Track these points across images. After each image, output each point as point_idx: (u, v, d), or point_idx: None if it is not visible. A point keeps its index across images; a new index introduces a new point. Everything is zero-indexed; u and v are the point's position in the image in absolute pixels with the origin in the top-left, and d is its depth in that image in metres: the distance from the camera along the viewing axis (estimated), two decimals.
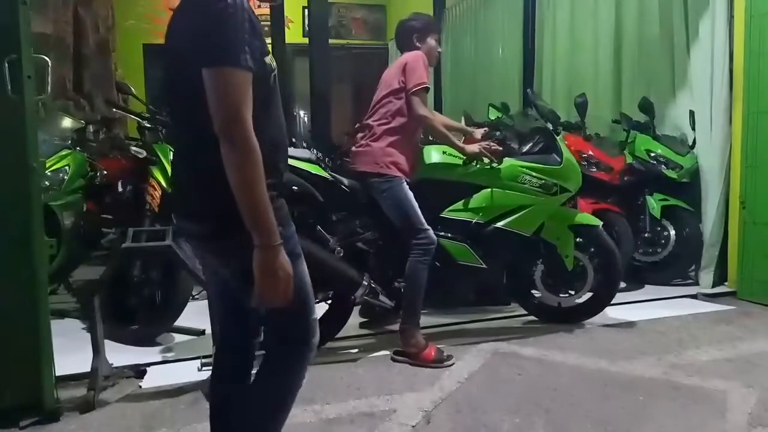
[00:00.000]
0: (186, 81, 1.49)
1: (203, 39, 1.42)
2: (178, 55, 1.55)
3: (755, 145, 3.89)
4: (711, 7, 4.11)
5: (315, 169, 3.16)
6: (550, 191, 3.32)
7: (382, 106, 3.17)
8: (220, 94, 1.40)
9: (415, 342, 3.07)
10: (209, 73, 1.41)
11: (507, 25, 6.57)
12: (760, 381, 2.81)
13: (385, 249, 3.26)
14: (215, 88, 1.41)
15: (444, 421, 2.48)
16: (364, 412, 2.55)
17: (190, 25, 1.49)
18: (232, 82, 1.41)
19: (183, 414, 2.54)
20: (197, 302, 3.96)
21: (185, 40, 1.51)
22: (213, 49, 1.41)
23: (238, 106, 1.40)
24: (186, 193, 1.62)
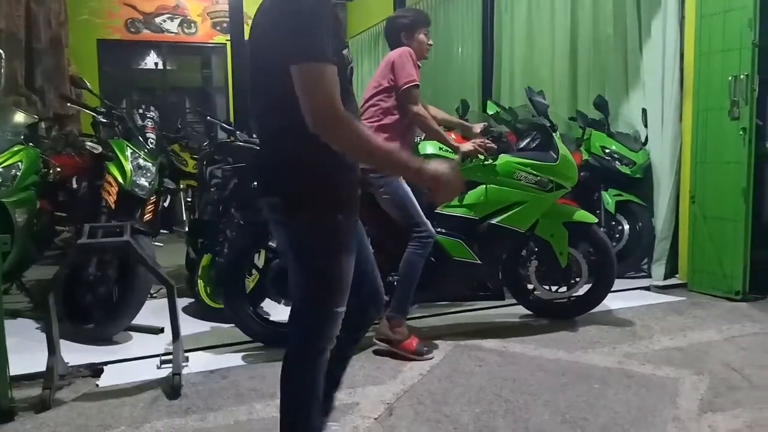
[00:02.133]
0: (268, 74, 1.58)
1: (289, 36, 1.48)
2: (260, 50, 1.61)
3: (704, 141, 4.02)
4: (663, 8, 4.24)
5: None
6: (546, 188, 3.33)
7: (372, 104, 3.16)
8: (311, 88, 1.46)
9: (400, 331, 3.09)
10: (298, 69, 1.47)
11: (466, 23, 6.63)
12: (709, 368, 2.91)
13: (381, 244, 3.27)
14: (305, 83, 1.47)
15: (406, 413, 2.50)
16: None
17: (275, 21, 1.54)
18: (321, 76, 1.46)
19: (142, 412, 2.50)
20: (156, 300, 3.91)
21: (268, 36, 1.57)
22: (300, 46, 1.47)
23: (328, 97, 1.47)
24: (269, 176, 1.68)
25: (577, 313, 3.61)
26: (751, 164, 3.77)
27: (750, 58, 3.70)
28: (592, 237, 3.49)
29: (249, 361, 3.05)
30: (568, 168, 3.39)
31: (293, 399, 1.70)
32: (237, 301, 3.14)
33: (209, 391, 2.71)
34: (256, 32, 1.63)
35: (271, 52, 1.55)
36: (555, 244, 3.44)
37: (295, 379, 1.70)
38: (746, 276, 3.85)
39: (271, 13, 1.57)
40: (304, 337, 1.69)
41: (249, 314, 3.18)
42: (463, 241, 3.28)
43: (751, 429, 2.35)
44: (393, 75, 3.09)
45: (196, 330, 3.50)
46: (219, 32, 9.14)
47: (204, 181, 4.00)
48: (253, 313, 3.21)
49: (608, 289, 3.56)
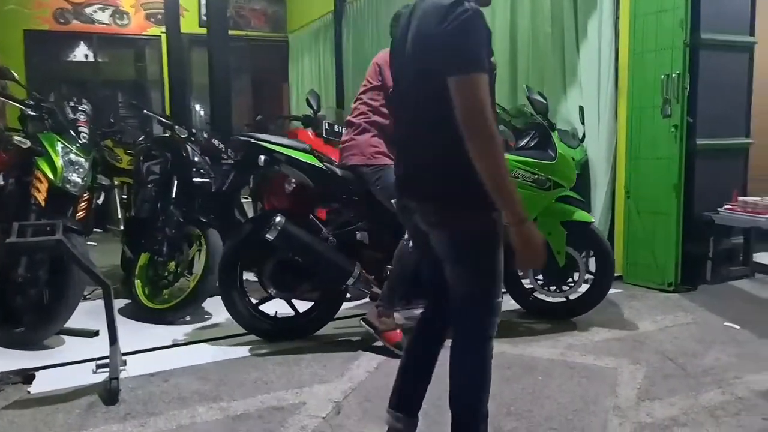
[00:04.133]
0: (423, 82, 1.73)
1: (450, 49, 1.62)
2: (416, 58, 1.75)
3: (638, 138, 4.15)
4: (598, 7, 4.35)
5: (309, 158, 3.13)
6: (543, 186, 3.32)
7: (362, 102, 3.20)
8: (470, 98, 1.60)
9: (387, 321, 3.08)
10: (458, 81, 1.61)
11: None
12: (645, 358, 3.01)
13: (377, 239, 3.26)
14: (464, 93, 1.60)
15: (354, 411, 2.48)
16: (273, 407, 2.52)
17: (432, 32, 1.65)
18: (478, 86, 1.60)
19: (78, 419, 2.40)
20: (89, 302, 3.76)
21: (425, 46, 1.70)
22: (461, 59, 1.61)
23: (484, 106, 1.60)
24: (419, 178, 1.82)
25: (575, 313, 3.57)
26: (682, 160, 3.91)
27: (681, 58, 3.83)
28: (590, 236, 3.50)
29: (192, 363, 2.97)
30: (566, 167, 3.39)
31: (470, 381, 1.89)
32: (233, 295, 3.15)
33: (149, 395, 2.62)
34: (417, 46, 1.75)
35: (435, 65, 1.66)
36: (553, 243, 3.40)
37: (470, 365, 1.88)
38: (678, 268, 4.00)
39: (429, 24, 1.67)
40: (475, 329, 1.86)
41: (246, 308, 3.18)
42: None
43: (686, 416, 2.44)
44: (382, 75, 3.13)
45: (133, 332, 3.37)
46: (153, 24, 8.89)
47: (141, 178, 3.87)
48: (250, 306, 3.21)
49: (607, 288, 3.56)
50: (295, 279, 3.17)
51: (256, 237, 3.09)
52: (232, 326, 3.46)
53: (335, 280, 3.16)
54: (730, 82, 4.13)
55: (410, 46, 1.78)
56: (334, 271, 3.13)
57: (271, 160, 3.08)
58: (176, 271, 3.68)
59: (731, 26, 4.10)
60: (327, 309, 3.29)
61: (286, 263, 3.15)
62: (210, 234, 3.58)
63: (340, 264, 3.11)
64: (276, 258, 3.15)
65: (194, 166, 3.75)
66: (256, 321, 3.23)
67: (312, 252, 3.07)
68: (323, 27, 8.59)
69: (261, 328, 3.25)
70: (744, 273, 4.27)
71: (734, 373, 2.83)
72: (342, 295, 3.29)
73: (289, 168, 3.10)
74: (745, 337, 3.27)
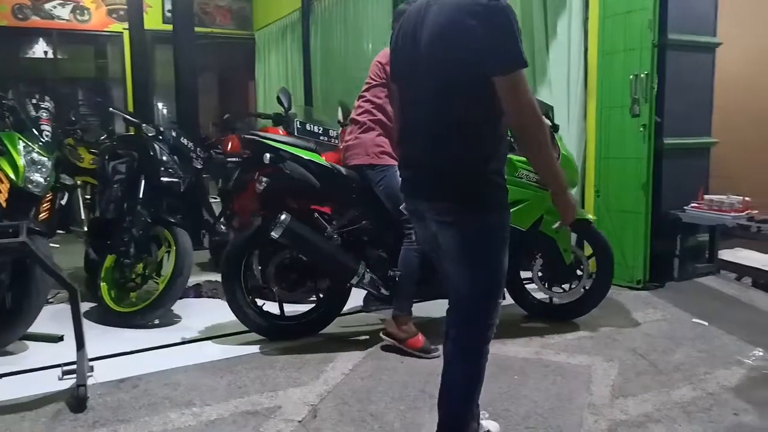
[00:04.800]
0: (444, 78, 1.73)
1: (494, 47, 1.64)
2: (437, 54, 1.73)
3: (608, 138, 4.19)
4: (568, 8, 4.39)
5: (313, 156, 3.12)
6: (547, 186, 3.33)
7: (366, 100, 3.18)
8: (521, 93, 1.67)
9: (407, 328, 3.06)
10: (506, 79, 1.65)
11: (377, 16, 6.60)
12: (618, 355, 3.04)
13: (381, 238, 3.25)
14: (514, 89, 1.66)
15: (331, 414, 2.45)
16: (248, 411, 2.47)
17: (466, 26, 1.64)
18: (524, 80, 1.67)
19: (44, 428, 2.32)
20: (54, 306, 3.65)
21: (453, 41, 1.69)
22: (509, 58, 1.65)
23: (532, 100, 1.69)
24: (434, 177, 1.84)
25: (577, 314, 3.55)
26: (650, 159, 3.97)
27: (650, 58, 3.87)
28: (591, 235, 3.51)
29: (162, 368, 2.89)
30: (569, 168, 3.39)
31: (464, 379, 1.95)
32: (237, 294, 3.14)
33: (118, 401, 2.55)
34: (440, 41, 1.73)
35: (465, 62, 1.68)
36: (560, 241, 3.41)
37: (467, 363, 1.93)
38: (647, 266, 4.06)
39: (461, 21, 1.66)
40: (475, 328, 1.91)
41: (251, 307, 3.17)
42: None
43: (659, 412, 2.47)
44: (386, 73, 3.10)
45: (100, 336, 3.27)
46: (115, 20, 8.69)
47: (106, 177, 3.76)
48: (253, 305, 3.18)
49: (608, 288, 3.54)
50: (300, 278, 3.18)
51: (261, 235, 3.10)
52: (202, 329, 3.41)
53: (340, 278, 3.17)
54: (695, 82, 4.20)
55: (428, 41, 1.75)
56: (339, 270, 3.13)
57: (277, 159, 3.06)
58: (144, 273, 3.59)
59: (696, 27, 4.16)
60: (330, 308, 3.28)
61: (290, 262, 3.17)
62: (179, 235, 3.50)
63: (345, 262, 3.11)
64: (280, 257, 3.16)
65: (162, 165, 3.66)
66: (259, 320, 3.21)
67: (317, 250, 3.07)
68: (290, 25, 8.51)
69: (265, 327, 3.23)
70: (709, 270, 4.35)
71: (704, 369, 2.87)
72: (346, 294, 3.28)
73: (294, 166, 3.07)
74: (713, 333, 3.33)
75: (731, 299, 3.95)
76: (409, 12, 1.89)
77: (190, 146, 3.88)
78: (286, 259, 3.18)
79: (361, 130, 3.15)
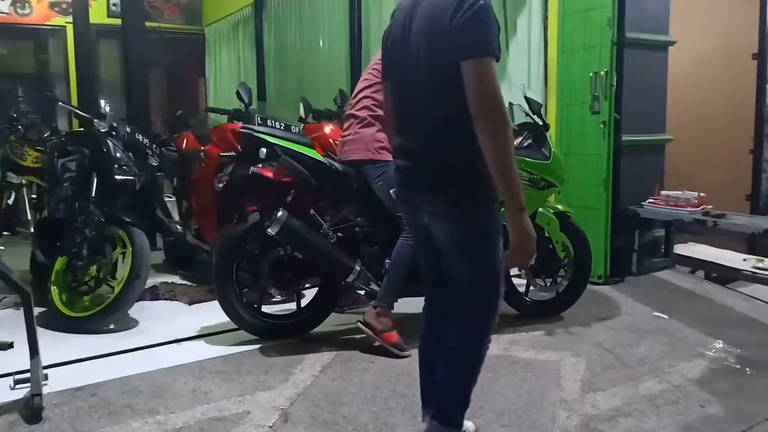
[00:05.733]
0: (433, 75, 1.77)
1: (464, 36, 1.68)
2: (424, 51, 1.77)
3: (568, 134, 4.23)
4: (528, 6, 4.41)
5: (309, 152, 3.06)
6: (539, 186, 3.30)
7: (366, 96, 3.13)
8: (483, 79, 1.67)
9: (384, 321, 3.02)
10: (471, 65, 1.67)
11: (333, 12, 6.53)
12: (585, 350, 3.06)
13: (377, 234, 3.20)
14: (477, 75, 1.67)
15: (302, 418, 2.38)
16: (215, 417, 2.38)
17: (446, 24, 1.70)
18: (491, 69, 1.68)
19: None
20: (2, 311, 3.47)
21: (436, 38, 1.74)
22: (474, 44, 1.67)
23: (496, 89, 1.68)
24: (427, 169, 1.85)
25: (561, 309, 3.57)
26: (610, 156, 4.02)
27: (609, 55, 3.93)
28: (570, 227, 3.52)
29: (120, 374, 2.76)
30: (559, 167, 3.39)
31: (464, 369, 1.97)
32: (229, 294, 3.06)
33: (76, 411, 2.42)
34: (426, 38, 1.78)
35: (447, 55, 1.72)
36: (552, 233, 3.42)
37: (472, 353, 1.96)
38: (607, 261, 4.12)
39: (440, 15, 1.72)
40: (477, 317, 1.93)
41: (243, 306, 3.10)
42: None
43: (629, 406, 2.50)
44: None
45: (52, 343, 3.09)
46: (57, 13, 8.35)
47: (55, 175, 3.58)
48: (246, 305, 3.11)
49: (587, 280, 3.58)
50: (294, 275, 3.13)
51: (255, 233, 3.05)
52: (162, 333, 3.28)
53: (336, 276, 3.12)
54: (650, 79, 4.28)
55: (416, 38, 1.81)
56: (335, 267, 3.09)
57: (273, 153, 3.01)
58: (98, 275, 3.43)
59: (651, 26, 4.24)
60: (322, 306, 3.23)
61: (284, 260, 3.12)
62: (136, 235, 3.37)
63: (342, 260, 3.07)
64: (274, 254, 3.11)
65: (116, 162, 3.50)
66: (252, 319, 3.14)
67: (314, 248, 3.02)
68: (243, 20, 8.35)
69: (258, 326, 3.16)
70: (665, 264, 4.45)
71: (668, 362, 2.92)
72: (338, 293, 3.25)
73: (289, 162, 3.00)
74: (674, 326, 3.40)
75: (688, 293, 4.04)
76: (398, 12, 1.94)
77: (145, 143, 3.73)
78: (280, 256, 3.12)
79: (361, 125, 3.10)
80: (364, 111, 3.11)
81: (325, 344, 3.12)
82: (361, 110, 3.12)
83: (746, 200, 5.32)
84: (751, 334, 3.30)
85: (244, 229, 3.09)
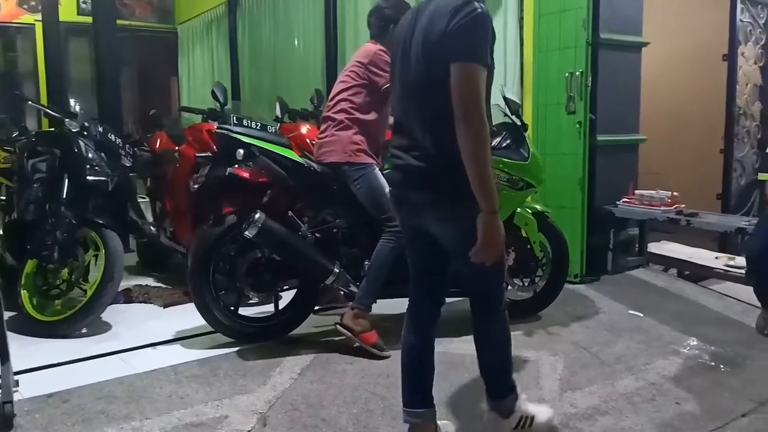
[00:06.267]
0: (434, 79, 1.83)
1: (457, 39, 1.77)
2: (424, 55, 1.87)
3: (544, 134, 4.25)
4: (503, 6, 4.43)
5: (288, 153, 3.03)
6: (517, 186, 3.29)
7: (343, 99, 3.10)
8: (467, 84, 1.76)
9: (363, 322, 3.02)
10: (458, 67, 1.76)
11: (308, 11, 6.48)
12: (562, 348, 3.09)
13: (356, 236, 3.18)
14: (462, 79, 1.76)
15: (281, 421, 2.35)
16: (192, 423, 2.34)
17: (443, 29, 1.79)
18: (477, 75, 1.77)
19: None
20: None
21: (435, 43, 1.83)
22: (464, 48, 1.77)
23: (479, 95, 1.76)
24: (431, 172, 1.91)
25: (539, 308, 3.57)
26: (585, 155, 4.06)
27: (584, 56, 3.96)
28: (548, 227, 3.52)
29: (94, 380, 2.70)
30: (537, 167, 3.38)
31: (499, 343, 2.19)
32: (205, 297, 3.00)
33: (49, 418, 2.36)
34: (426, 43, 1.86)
35: (440, 57, 1.80)
36: (530, 233, 3.43)
37: (498, 330, 2.16)
38: (583, 260, 4.15)
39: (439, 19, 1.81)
40: (495, 301, 2.12)
41: (220, 309, 3.05)
42: None
43: (606, 404, 2.52)
44: (370, 74, 3.06)
45: (22, 348, 3.03)
46: (26, 11, 8.16)
47: (25, 176, 3.49)
48: (223, 308, 3.06)
49: (565, 279, 3.60)
50: (273, 278, 3.10)
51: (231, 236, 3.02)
52: (136, 337, 3.23)
53: (315, 278, 3.10)
54: (624, 80, 4.32)
55: (418, 43, 1.90)
56: (314, 269, 3.07)
57: (250, 154, 2.97)
58: (70, 278, 3.35)
59: (625, 27, 4.28)
60: (300, 308, 3.20)
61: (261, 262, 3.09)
62: (109, 237, 3.30)
63: (321, 262, 3.04)
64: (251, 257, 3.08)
65: (88, 162, 3.43)
66: (230, 322, 3.09)
67: (293, 250, 3.00)
68: (216, 19, 8.26)
69: (235, 330, 3.12)
70: (639, 263, 4.50)
71: (644, 360, 2.95)
72: (316, 294, 3.22)
73: (266, 162, 2.97)
74: (649, 324, 3.44)
75: (662, 291, 4.10)
76: (405, 17, 2.07)
77: (118, 143, 3.66)
78: (257, 258, 3.08)
79: (338, 127, 3.08)
80: (341, 114, 3.09)
81: (304, 346, 3.09)
82: (338, 113, 3.10)
83: (717, 199, 5.42)
84: (724, 331, 3.35)
85: (220, 230, 3.04)
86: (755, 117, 5.71)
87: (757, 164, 5.61)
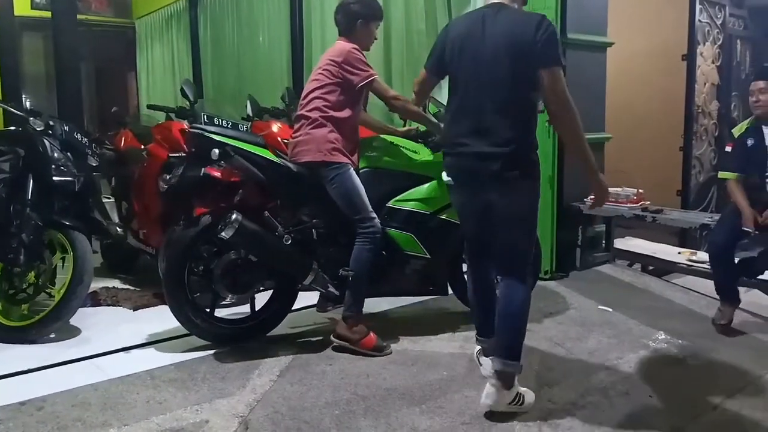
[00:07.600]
0: (513, 73, 2.31)
1: (545, 49, 2.26)
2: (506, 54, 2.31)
3: None
4: (472, 4, 4.44)
5: (263, 152, 2.99)
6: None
7: (317, 97, 3.07)
8: (560, 83, 2.28)
9: (358, 329, 3.01)
10: (548, 73, 2.27)
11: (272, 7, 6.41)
12: (537, 344, 3.12)
13: (333, 236, 3.15)
14: (554, 81, 2.27)
15: (263, 424, 2.33)
16: (172, 428, 2.30)
17: (531, 38, 2.26)
18: (562, 76, 2.30)
19: None
20: None
21: (521, 47, 2.29)
22: (553, 58, 2.28)
23: (566, 89, 2.30)
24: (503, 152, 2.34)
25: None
26: (555, 154, 4.13)
27: None
28: None
29: (67, 386, 2.63)
30: None
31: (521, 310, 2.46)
32: (180, 298, 2.98)
33: (23, 426, 2.30)
34: (509, 46, 2.31)
35: (529, 62, 2.28)
36: None
37: (523, 297, 2.46)
38: (553, 256, 4.22)
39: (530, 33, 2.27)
40: (525, 270, 2.48)
41: (194, 310, 3.00)
42: (414, 235, 3.23)
43: (583, 398, 2.58)
44: (345, 73, 3.02)
45: None
46: None
47: None
48: (198, 309, 3.02)
49: (537, 276, 3.66)
50: (249, 279, 3.05)
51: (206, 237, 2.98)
52: (108, 341, 3.15)
53: (293, 278, 3.07)
54: (591, 79, 4.40)
55: (498, 46, 2.33)
56: (291, 270, 3.05)
57: (225, 154, 2.93)
58: (37, 282, 3.24)
59: (592, 27, 4.36)
60: (278, 309, 3.18)
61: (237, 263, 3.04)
62: (77, 239, 3.21)
63: (298, 262, 3.02)
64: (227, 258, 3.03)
65: (53, 162, 3.33)
66: (205, 324, 3.04)
67: (270, 251, 2.97)
68: (176, 14, 8.12)
69: (211, 332, 3.07)
70: (606, 259, 4.60)
71: (616, 354, 3.02)
72: (294, 295, 3.20)
73: (242, 162, 2.93)
74: (618, 318, 3.52)
75: (629, 286, 4.20)
76: (461, 23, 2.53)
77: (84, 142, 3.56)
78: (233, 259, 3.03)
79: (313, 126, 3.04)
80: (315, 112, 3.06)
81: (282, 347, 3.06)
82: (312, 111, 3.06)
83: (677, 195, 5.59)
84: (690, 324, 3.45)
85: (195, 231, 2.99)
86: (713, 115, 5.90)
87: (714, 161, 5.81)
